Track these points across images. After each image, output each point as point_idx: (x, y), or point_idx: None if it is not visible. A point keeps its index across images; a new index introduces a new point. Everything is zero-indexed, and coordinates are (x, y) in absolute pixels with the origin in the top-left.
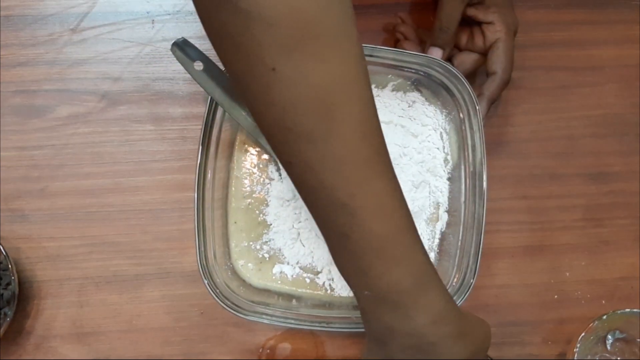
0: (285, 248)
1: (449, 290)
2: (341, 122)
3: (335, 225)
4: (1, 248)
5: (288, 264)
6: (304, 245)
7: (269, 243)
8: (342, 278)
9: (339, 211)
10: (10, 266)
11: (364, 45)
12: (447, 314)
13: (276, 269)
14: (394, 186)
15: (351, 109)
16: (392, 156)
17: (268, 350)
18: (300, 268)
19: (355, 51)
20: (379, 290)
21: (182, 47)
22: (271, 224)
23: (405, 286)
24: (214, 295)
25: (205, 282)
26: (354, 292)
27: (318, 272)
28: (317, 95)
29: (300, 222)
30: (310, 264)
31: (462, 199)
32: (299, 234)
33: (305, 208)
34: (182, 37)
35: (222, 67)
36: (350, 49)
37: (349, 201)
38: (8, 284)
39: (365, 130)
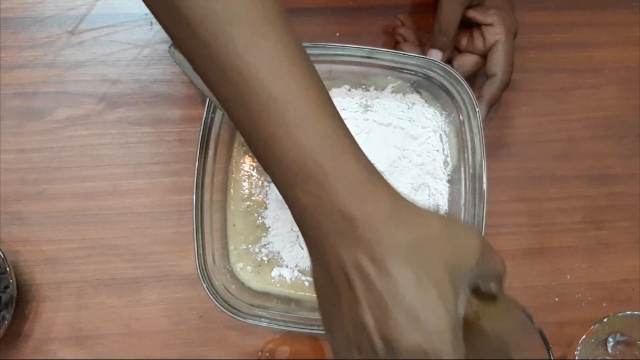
0: (284, 251)
1: None
2: None
3: (229, 93)
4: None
5: (287, 267)
6: (302, 248)
7: (267, 246)
8: None
9: (229, 74)
10: (8, 269)
11: (362, 47)
12: (373, 184)
13: (275, 272)
14: (290, 45)
15: None
16: (391, 159)
17: (267, 354)
18: (299, 271)
19: None
20: (283, 162)
21: None
22: (270, 227)
23: (310, 148)
24: (213, 299)
25: (204, 285)
26: (274, 183)
27: None
28: None
29: None
30: (309, 266)
31: (462, 201)
32: (297, 236)
33: None
34: None
35: None
36: None
37: (236, 61)
38: (6, 287)
39: None
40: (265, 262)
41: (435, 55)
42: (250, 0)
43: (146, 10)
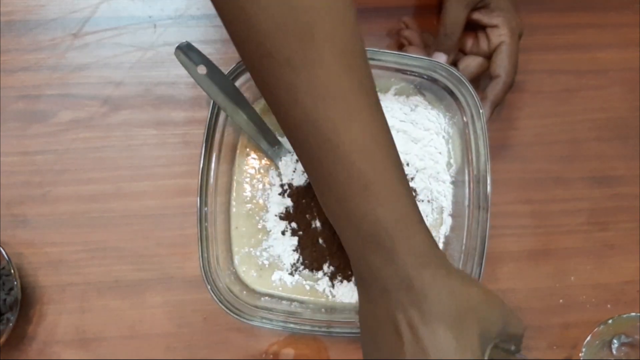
0: (284, 255)
1: None
2: (323, 48)
3: (319, 163)
4: (4, 253)
5: (287, 271)
6: None
7: (268, 250)
8: (342, 284)
9: (322, 147)
10: (12, 271)
11: (365, 48)
12: (432, 258)
13: (275, 275)
14: (379, 122)
15: (334, 34)
16: None
17: (271, 356)
18: (300, 275)
19: None
20: (360, 228)
21: (186, 51)
22: (270, 231)
23: (387, 225)
24: (217, 300)
25: (208, 287)
26: (340, 234)
27: (318, 279)
28: (296, 17)
29: None
30: (309, 271)
31: (466, 203)
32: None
33: None
34: (186, 41)
35: (225, 72)
36: None
37: (332, 136)
38: (11, 289)
39: (349, 59)
40: (266, 265)
41: (440, 58)
42: (347, 71)
43: (149, 12)
